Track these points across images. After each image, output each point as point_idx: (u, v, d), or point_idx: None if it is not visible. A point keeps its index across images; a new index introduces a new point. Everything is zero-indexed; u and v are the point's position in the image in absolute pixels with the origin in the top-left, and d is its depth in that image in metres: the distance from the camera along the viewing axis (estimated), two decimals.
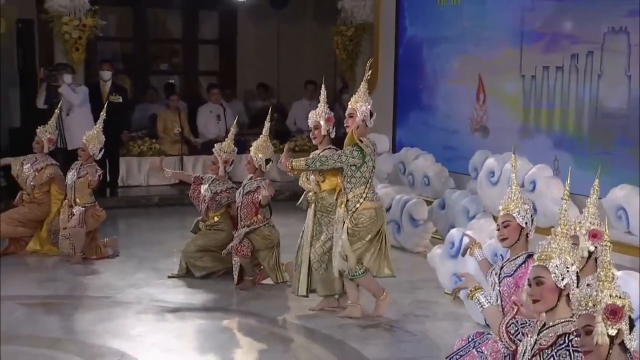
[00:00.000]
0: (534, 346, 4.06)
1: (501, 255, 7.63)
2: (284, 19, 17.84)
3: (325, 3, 16.84)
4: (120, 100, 13.49)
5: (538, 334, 4.08)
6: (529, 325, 4.37)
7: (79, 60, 13.16)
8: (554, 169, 10.16)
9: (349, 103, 7.53)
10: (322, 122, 7.53)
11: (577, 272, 4.07)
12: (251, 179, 8.67)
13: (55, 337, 7.18)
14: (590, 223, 4.87)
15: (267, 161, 8.61)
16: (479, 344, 5.30)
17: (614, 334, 3.50)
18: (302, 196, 7.79)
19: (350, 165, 7.24)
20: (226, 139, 9.23)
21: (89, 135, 9.82)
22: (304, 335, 7.18)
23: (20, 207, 10.05)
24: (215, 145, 9.23)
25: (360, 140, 7.25)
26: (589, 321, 3.54)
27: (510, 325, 4.51)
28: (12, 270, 9.29)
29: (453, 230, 8.56)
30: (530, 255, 5.17)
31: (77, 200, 9.68)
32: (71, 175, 9.76)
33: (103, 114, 9.91)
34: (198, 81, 18.74)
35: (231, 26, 18.49)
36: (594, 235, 4.81)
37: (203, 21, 18.88)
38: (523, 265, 5.15)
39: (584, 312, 3.56)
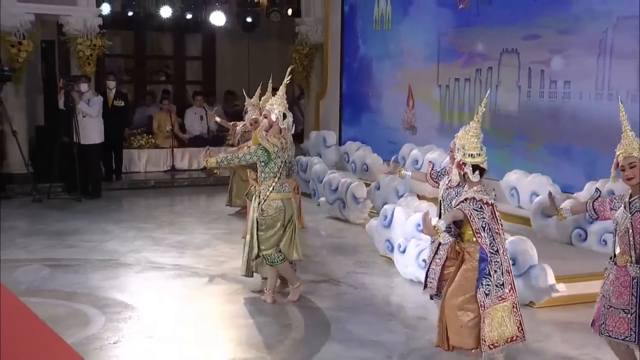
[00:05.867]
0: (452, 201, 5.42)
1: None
2: (254, 40, 17.88)
3: (286, 27, 16.90)
4: (123, 104, 13.48)
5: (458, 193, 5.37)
6: (447, 175, 5.75)
7: (90, 72, 13.08)
8: None
9: (267, 105, 6.85)
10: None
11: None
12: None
13: (72, 291, 7.18)
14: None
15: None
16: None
17: (462, 174, 4.99)
18: (248, 188, 7.47)
19: (260, 162, 6.57)
20: (254, 96, 9.32)
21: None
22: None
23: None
24: (247, 99, 9.50)
25: (267, 140, 6.54)
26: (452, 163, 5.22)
27: (432, 174, 6.07)
28: (39, 238, 9.29)
29: (386, 206, 8.62)
30: None
31: None
32: None
33: None
34: (185, 89, 18.70)
35: (212, 45, 18.51)
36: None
37: (189, 41, 18.91)
38: None
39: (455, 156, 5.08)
